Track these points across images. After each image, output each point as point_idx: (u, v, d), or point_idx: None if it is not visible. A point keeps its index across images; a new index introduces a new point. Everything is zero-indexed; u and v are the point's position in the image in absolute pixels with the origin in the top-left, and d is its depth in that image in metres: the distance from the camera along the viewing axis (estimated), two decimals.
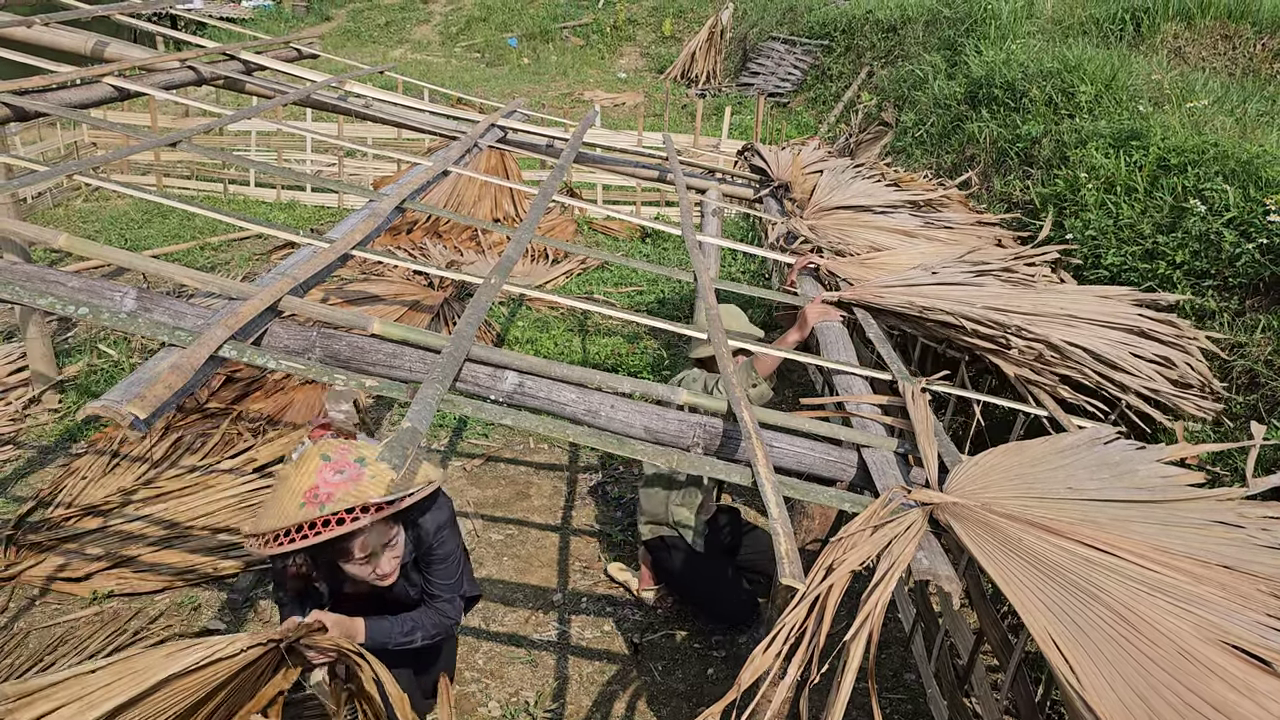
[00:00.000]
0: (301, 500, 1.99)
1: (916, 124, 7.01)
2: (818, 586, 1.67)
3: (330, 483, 2.00)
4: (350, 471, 2.02)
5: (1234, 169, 3.67)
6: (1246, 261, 3.35)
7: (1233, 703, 1.45)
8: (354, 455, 2.06)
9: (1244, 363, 3.15)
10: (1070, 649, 1.51)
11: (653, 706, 3.23)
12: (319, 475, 2.01)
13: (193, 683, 1.72)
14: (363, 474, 2.04)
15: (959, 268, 3.40)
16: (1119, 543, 1.82)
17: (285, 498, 2.02)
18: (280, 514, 2.00)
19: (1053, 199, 4.40)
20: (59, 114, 3.30)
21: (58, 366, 5.24)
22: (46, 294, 2.00)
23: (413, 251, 7.80)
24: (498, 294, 2.85)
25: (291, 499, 2.00)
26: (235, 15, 18.71)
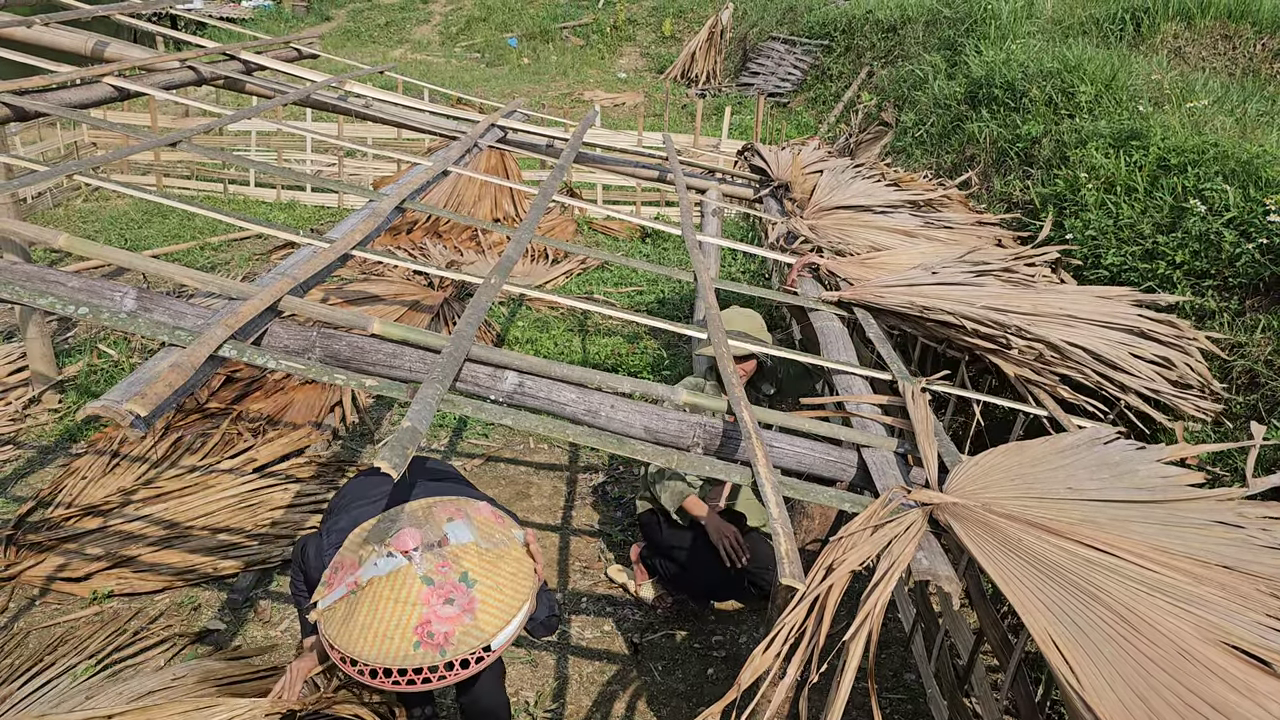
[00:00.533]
0: (415, 638, 1.82)
1: (916, 124, 7.01)
2: (817, 586, 1.67)
3: (444, 617, 1.84)
4: (460, 600, 1.87)
5: (1234, 169, 3.67)
6: (1246, 261, 3.35)
7: (1233, 703, 1.45)
8: (456, 573, 1.92)
9: (1244, 363, 3.15)
10: (1070, 649, 1.52)
11: (653, 706, 3.23)
12: (428, 606, 1.84)
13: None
14: (474, 601, 1.89)
15: (959, 268, 3.40)
16: (1119, 543, 1.82)
17: (387, 626, 1.83)
18: (386, 646, 1.82)
19: (1053, 199, 4.40)
20: (59, 114, 3.30)
21: (58, 366, 5.24)
22: (46, 294, 2.00)
23: (413, 251, 7.80)
24: (498, 294, 2.85)
25: (399, 631, 1.83)
26: (235, 15, 18.71)
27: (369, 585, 1.88)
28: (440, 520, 2.03)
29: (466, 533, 2.03)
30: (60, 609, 3.51)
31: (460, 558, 1.94)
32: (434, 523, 2.00)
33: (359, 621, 1.86)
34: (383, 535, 1.99)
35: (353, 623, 1.86)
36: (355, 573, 1.92)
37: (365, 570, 1.91)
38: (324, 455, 4.58)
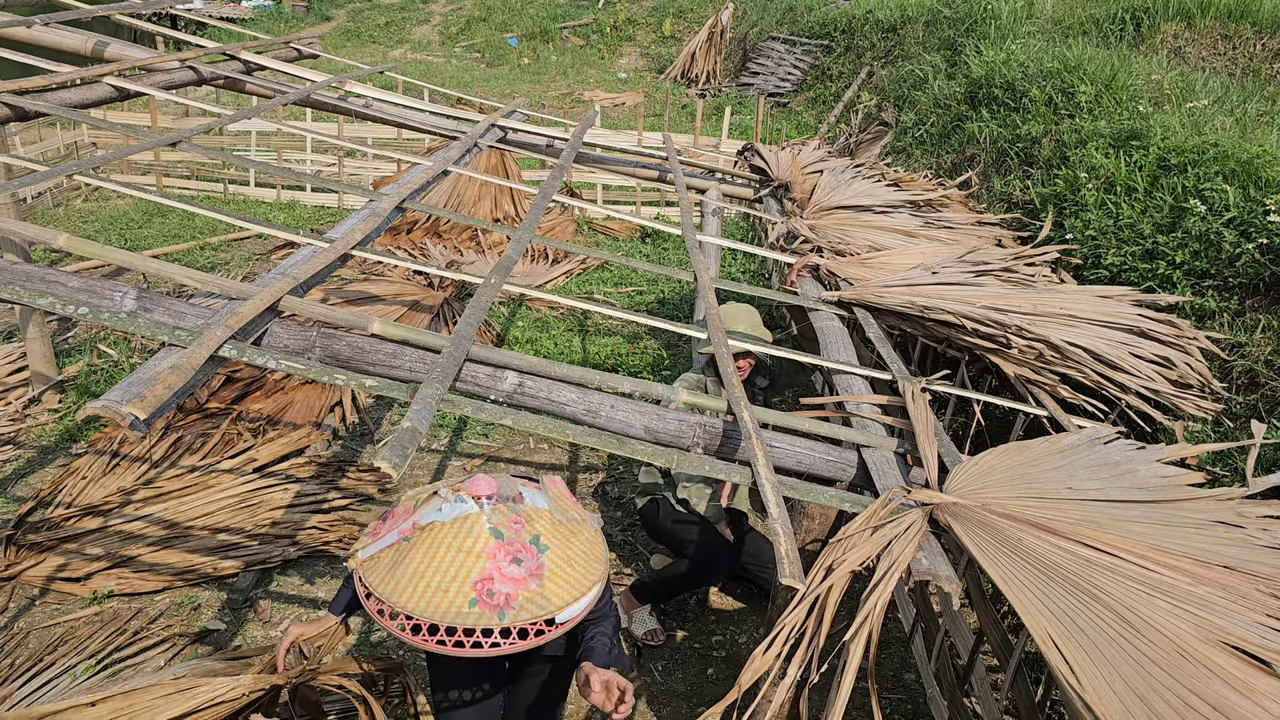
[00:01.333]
0: (472, 595, 1.60)
1: (916, 124, 7.01)
2: (818, 587, 1.67)
3: (508, 577, 1.62)
4: (529, 562, 1.66)
5: (1234, 169, 3.68)
6: (1246, 261, 3.35)
7: (1232, 703, 1.45)
8: (529, 534, 1.72)
9: (1244, 363, 3.15)
10: (1070, 649, 1.52)
11: (653, 706, 3.22)
12: (493, 561, 1.63)
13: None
14: (543, 568, 1.68)
15: (959, 268, 3.41)
16: (1119, 543, 1.82)
17: (442, 577, 1.62)
18: (438, 600, 1.60)
19: (1053, 199, 4.40)
20: (59, 114, 3.30)
21: (58, 366, 5.24)
22: (46, 294, 2.00)
23: (413, 251, 7.80)
24: (498, 294, 2.85)
25: (455, 585, 1.61)
26: (235, 15, 18.72)
27: (428, 529, 1.67)
28: (515, 482, 1.85)
29: (542, 500, 1.84)
30: (60, 609, 3.51)
31: (534, 519, 1.75)
32: (509, 482, 1.82)
33: (409, 570, 1.64)
34: (450, 484, 1.79)
35: (401, 571, 1.64)
36: (411, 517, 1.71)
37: (425, 514, 1.70)
38: (324, 455, 4.58)
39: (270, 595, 3.66)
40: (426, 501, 1.72)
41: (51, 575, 3.61)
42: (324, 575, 3.78)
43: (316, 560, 3.86)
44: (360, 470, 4.48)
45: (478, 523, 1.67)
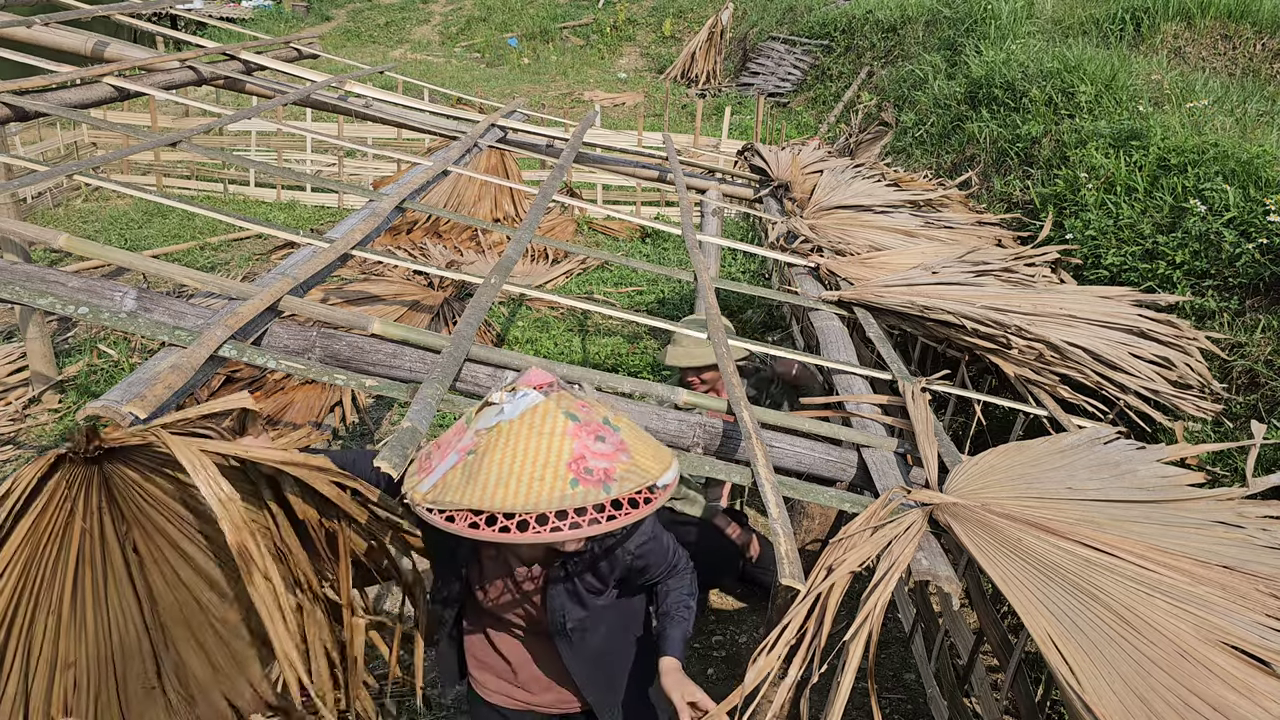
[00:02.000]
0: (570, 475, 1.49)
1: (916, 124, 7.01)
2: (818, 587, 1.67)
3: (598, 453, 1.53)
4: (611, 439, 1.57)
5: (1234, 169, 3.68)
6: (1246, 261, 3.35)
7: (1232, 703, 1.45)
8: (599, 415, 1.61)
9: (1244, 363, 3.15)
10: (1070, 649, 1.52)
11: None
12: (579, 440, 1.53)
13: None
14: (624, 443, 1.59)
15: (959, 268, 3.41)
16: (1119, 543, 1.82)
17: (534, 466, 1.50)
18: (538, 490, 1.48)
19: (1053, 199, 4.41)
20: (59, 114, 3.30)
21: (58, 366, 5.24)
22: (46, 294, 2.00)
23: (413, 251, 7.80)
24: (498, 294, 2.85)
25: (550, 470, 1.49)
26: (235, 15, 18.72)
27: (495, 431, 1.53)
28: None
29: (589, 389, 1.75)
30: None
31: (596, 405, 1.65)
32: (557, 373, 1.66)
33: (492, 474, 1.49)
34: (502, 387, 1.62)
35: (481, 479, 1.49)
36: (467, 434, 1.56)
37: (486, 421, 1.55)
38: None
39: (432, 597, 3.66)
40: (481, 412, 1.58)
41: None
42: None
43: None
44: None
45: (549, 410, 1.54)
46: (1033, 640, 1.55)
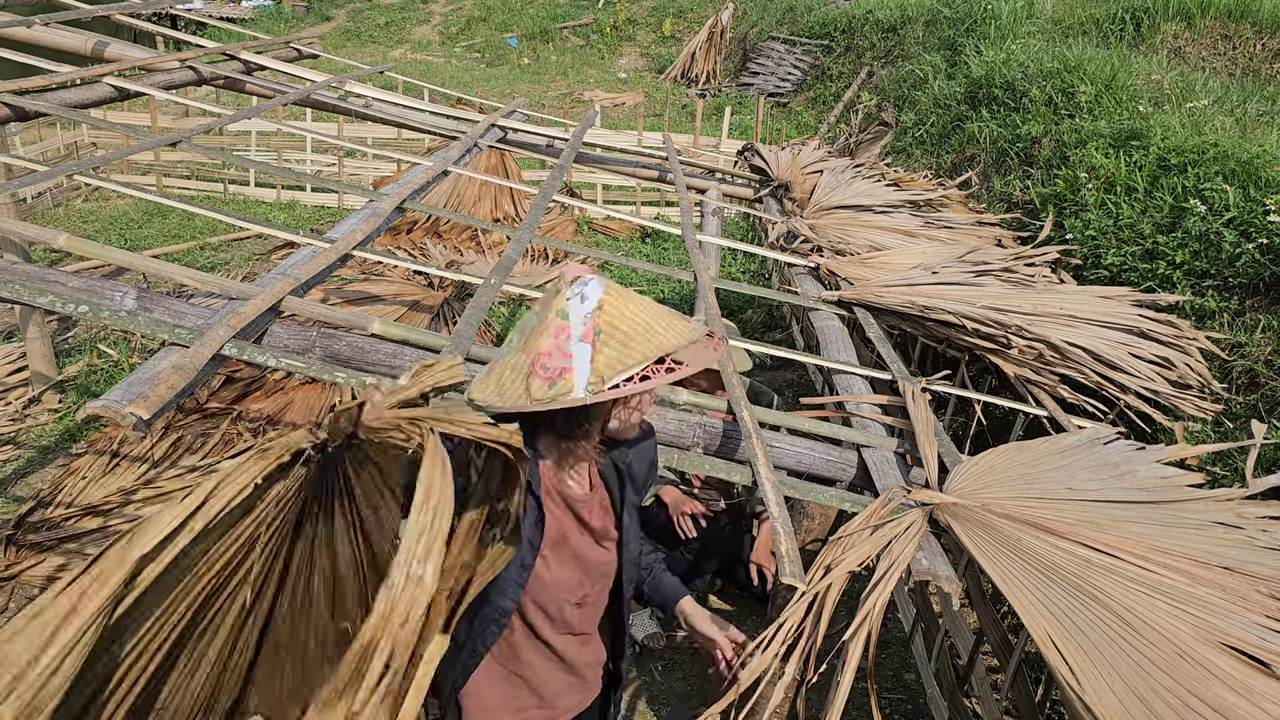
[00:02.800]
0: (668, 314, 1.59)
1: (916, 124, 7.02)
2: (816, 585, 1.67)
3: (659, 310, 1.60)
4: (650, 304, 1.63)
5: (1234, 169, 3.68)
6: (1246, 261, 3.35)
7: (1231, 703, 1.45)
8: None
9: (1244, 363, 3.15)
10: (1070, 649, 1.52)
11: (653, 706, 3.23)
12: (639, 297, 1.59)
13: None
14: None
15: (959, 267, 3.41)
16: (1119, 543, 1.82)
17: (651, 311, 1.56)
18: (671, 325, 1.55)
19: (1053, 199, 4.41)
20: (59, 114, 3.30)
21: (58, 366, 5.24)
22: (46, 293, 2.00)
23: (413, 251, 7.80)
24: (498, 294, 2.85)
25: (661, 310, 1.57)
26: (235, 15, 18.72)
27: (603, 305, 1.54)
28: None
29: None
30: None
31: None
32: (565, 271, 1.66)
33: (639, 329, 1.53)
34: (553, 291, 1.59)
35: (638, 337, 1.53)
36: (570, 330, 1.54)
37: (580, 306, 1.55)
38: None
39: None
40: (565, 305, 1.55)
41: (51, 575, 3.61)
42: None
43: None
44: None
45: (620, 288, 1.58)
46: (1033, 640, 1.55)
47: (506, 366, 1.58)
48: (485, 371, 1.61)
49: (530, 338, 1.56)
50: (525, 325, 1.60)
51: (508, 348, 1.62)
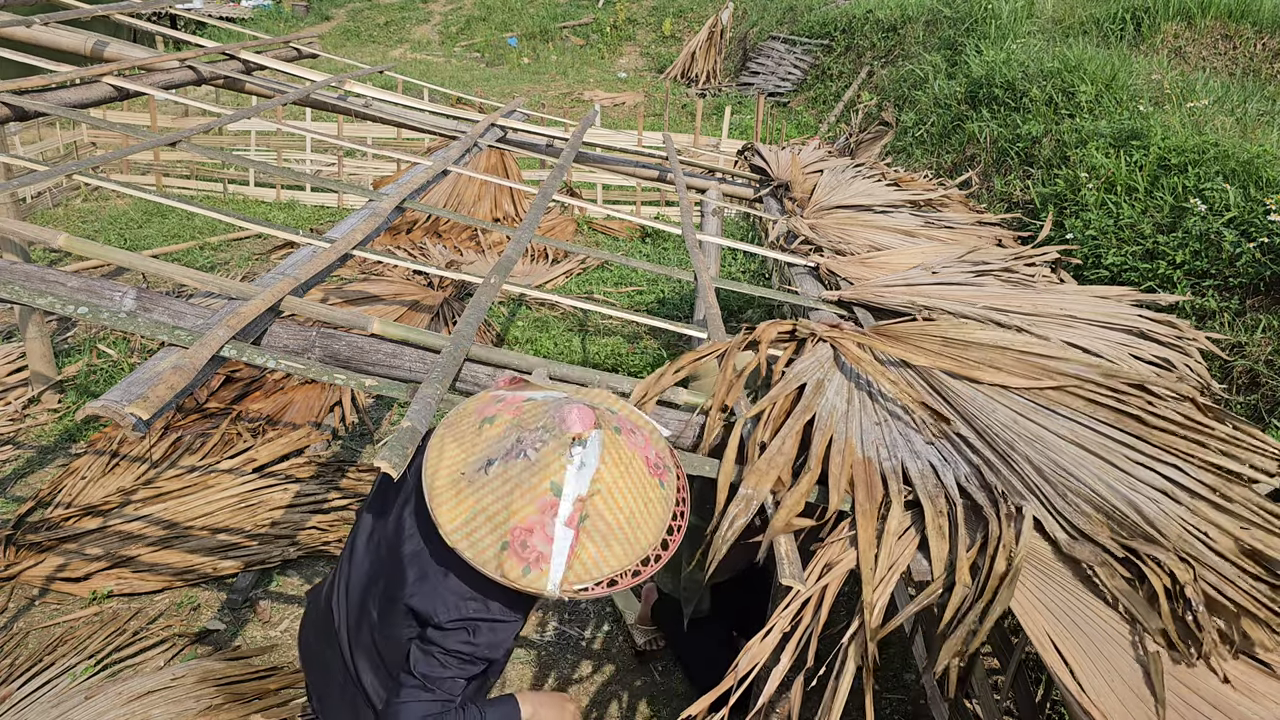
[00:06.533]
0: (657, 480, 1.59)
1: (916, 124, 7.01)
2: (814, 585, 1.67)
3: (642, 443, 1.62)
4: (630, 424, 1.65)
5: (1234, 169, 3.68)
6: (1247, 261, 3.35)
7: (1232, 703, 1.45)
8: (612, 408, 1.70)
9: (1244, 363, 3.15)
10: (1070, 649, 1.51)
11: (653, 706, 3.23)
12: (637, 449, 1.59)
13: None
14: (633, 420, 1.67)
15: (959, 267, 3.40)
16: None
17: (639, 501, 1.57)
18: (656, 511, 1.58)
19: (1053, 199, 4.41)
20: (59, 114, 3.30)
21: (57, 366, 5.24)
22: (46, 294, 1.99)
23: (413, 251, 7.80)
24: (498, 294, 2.85)
25: (648, 489, 1.58)
26: (235, 15, 18.71)
27: (594, 492, 1.53)
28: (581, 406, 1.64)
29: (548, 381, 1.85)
30: (60, 609, 3.51)
31: (599, 402, 1.73)
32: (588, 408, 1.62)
33: (624, 528, 1.54)
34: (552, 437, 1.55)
35: (617, 536, 1.54)
36: (560, 508, 1.52)
37: (575, 484, 1.52)
38: (324, 455, 4.58)
39: (270, 596, 3.66)
40: (560, 474, 1.52)
41: (51, 575, 3.61)
42: (324, 575, 3.78)
43: (316, 560, 3.86)
44: (360, 470, 4.48)
45: (611, 439, 1.56)
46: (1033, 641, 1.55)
47: (484, 505, 1.55)
48: (451, 482, 1.57)
49: (517, 493, 1.53)
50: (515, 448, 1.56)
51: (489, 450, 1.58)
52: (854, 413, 2.07)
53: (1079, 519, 1.76)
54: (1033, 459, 1.91)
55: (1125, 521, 1.76)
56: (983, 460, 1.92)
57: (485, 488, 1.55)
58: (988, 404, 2.12)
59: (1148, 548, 1.67)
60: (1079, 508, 1.79)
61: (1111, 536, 1.72)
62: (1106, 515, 1.78)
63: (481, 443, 1.60)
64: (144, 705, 2.87)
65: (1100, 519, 1.77)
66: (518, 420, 1.60)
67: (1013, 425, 2.04)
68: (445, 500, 1.56)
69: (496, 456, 1.56)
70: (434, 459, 1.61)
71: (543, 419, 1.58)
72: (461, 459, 1.59)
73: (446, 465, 1.59)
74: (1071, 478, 1.87)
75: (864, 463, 1.89)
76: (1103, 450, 2.00)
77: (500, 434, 1.59)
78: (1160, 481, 1.90)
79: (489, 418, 1.64)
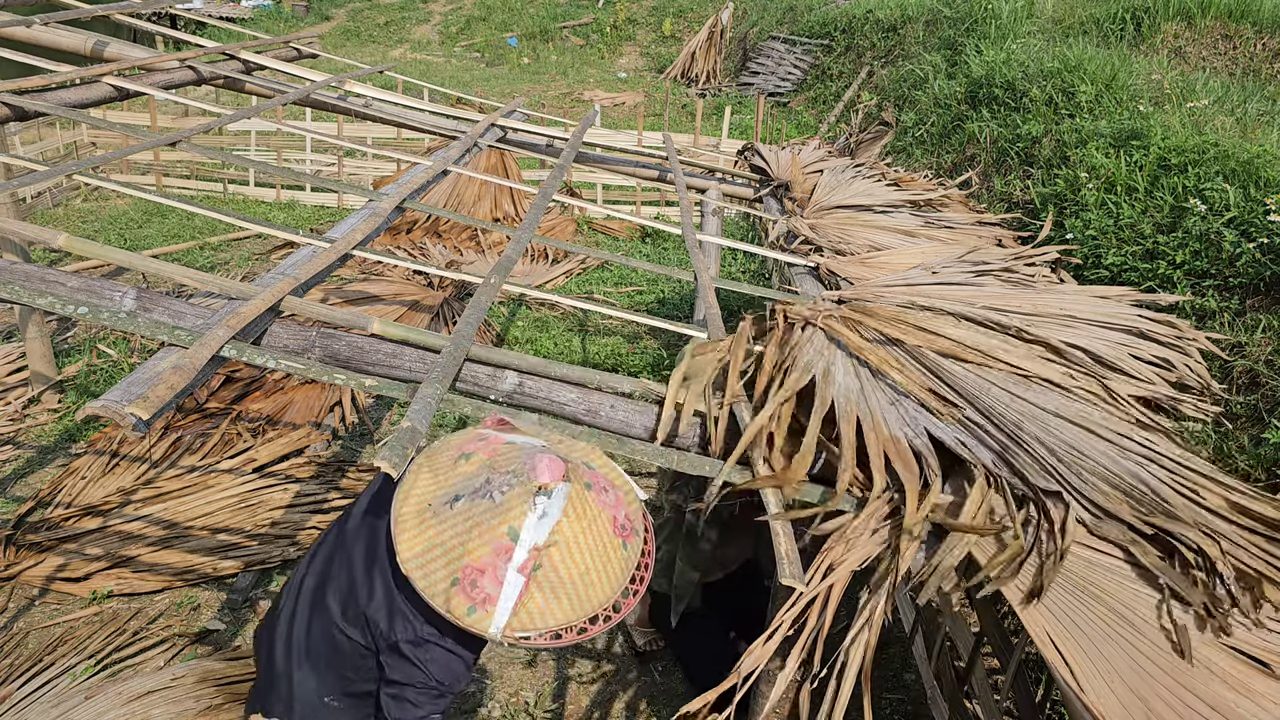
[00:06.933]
0: (620, 540, 1.63)
1: (916, 124, 7.01)
2: (817, 586, 1.67)
3: (613, 503, 1.67)
4: (605, 482, 1.70)
5: (1234, 169, 3.68)
6: (1247, 261, 3.35)
7: (1232, 703, 1.45)
8: (587, 463, 1.74)
9: (1244, 363, 3.15)
10: (1069, 649, 1.51)
11: (653, 706, 3.23)
12: (606, 508, 1.64)
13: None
14: (609, 479, 1.73)
15: (959, 267, 3.40)
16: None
17: (594, 558, 1.59)
18: (612, 571, 1.61)
19: (1053, 199, 4.40)
20: (59, 114, 3.29)
21: (57, 366, 5.24)
22: (46, 294, 1.99)
23: (413, 251, 7.80)
24: (498, 294, 2.85)
25: (607, 549, 1.61)
26: (235, 15, 18.71)
27: (552, 542, 1.55)
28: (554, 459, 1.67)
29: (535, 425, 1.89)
30: (60, 609, 3.51)
31: (575, 454, 1.77)
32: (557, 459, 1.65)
33: (577, 582, 1.56)
34: (519, 482, 1.58)
35: (567, 589, 1.56)
36: (515, 553, 1.55)
37: (534, 531, 1.55)
38: (324, 455, 4.58)
39: (270, 596, 3.66)
40: (520, 521, 1.55)
41: (51, 575, 3.61)
42: None
43: None
44: (360, 470, 4.48)
45: (578, 493, 1.59)
46: (1033, 641, 1.55)
47: (443, 539, 1.59)
48: (417, 512, 1.61)
49: (475, 532, 1.56)
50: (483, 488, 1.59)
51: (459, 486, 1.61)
52: (869, 393, 2.09)
53: (1098, 496, 1.77)
54: (1041, 438, 1.92)
55: (1142, 497, 1.78)
56: (997, 441, 1.93)
57: (446, 522, 1.59)
58: (979, 383, 2.14)
59: (1169, 523, 1.69)
60: (1096, 486, 1.80)
61: (1133, 513, 1.74)
62: (1124, 493, 1.79)
63: (454, 477, 1.64)
64: (144, 705, 2.87)
65: (1119, 496, 1.78)
66: (491, 461, 1.64)
67: (1012, 404, 2.05)
68: (407, 528, 1.61)
69: (464, 493, 1.60)
70: (407, 486, 1.66)
71: (514, 464, 1.62)
72: (432, 490, 1.64)
73: (416, 494, 1.64)
74: (1082, 455, 1.88)
75: (893, 441, 1.90)
76: (1088, 423, 2.02)
77: (473, 471, 1.63)
78: (1144, 450, 1.93)
79: (466, 454, 1.68)
